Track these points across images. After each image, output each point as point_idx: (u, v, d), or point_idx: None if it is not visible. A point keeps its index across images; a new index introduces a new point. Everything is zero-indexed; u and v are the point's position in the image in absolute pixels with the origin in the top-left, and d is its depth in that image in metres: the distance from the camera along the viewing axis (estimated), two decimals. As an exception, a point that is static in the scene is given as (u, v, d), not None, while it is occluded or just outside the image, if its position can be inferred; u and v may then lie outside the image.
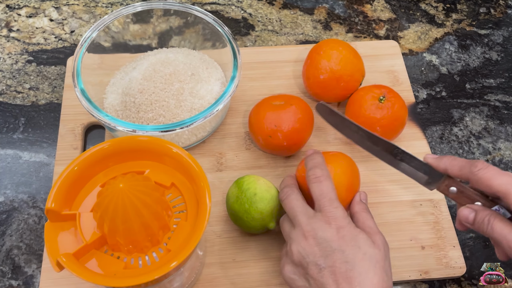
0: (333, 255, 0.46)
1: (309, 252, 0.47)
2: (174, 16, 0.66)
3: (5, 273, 0.56)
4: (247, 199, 0.54)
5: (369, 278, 0.45)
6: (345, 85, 0.63)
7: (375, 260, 0.46)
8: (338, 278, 0.45)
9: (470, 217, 0.48)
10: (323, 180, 0.50)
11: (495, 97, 0.73)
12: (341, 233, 0.47)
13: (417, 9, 0.82)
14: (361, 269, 0.45)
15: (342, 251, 0.46)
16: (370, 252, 0.47)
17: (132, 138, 0.47)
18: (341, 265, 0.46)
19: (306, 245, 0.47)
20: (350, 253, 0.46)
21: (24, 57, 0.72)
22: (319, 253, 0.47)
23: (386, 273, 0.47)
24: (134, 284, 0.39)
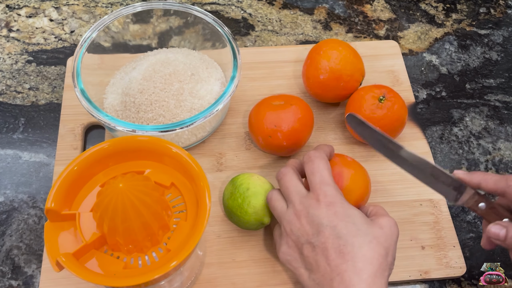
0: (325, 231, 0.46)
1: (303, 232, 0.48)
2: (174, 16, 0.66)
3: (5, 273, 0.56)
4: (240, 194, 0.54)
5: (362, 253, 0.45)
6: (345, 85, 0.63)
7: (372, 236, 0.46)
8: (330, 254, 0.45)
9: (502, 234, 0.47)
10: (315, 159, 0.51)
11: (495, 97, 0.73)
12: (332, 210, 0.47)
13: (417, 9, 0.82)
14: (355, 243, 0.45)
15: (334, 226, 0.46)
16: (366, 228, 0.47)
17: (132, 138, 0.47)
18: (334, 241, 0.45)
19: (299, 224, 0.48)
20: (343, 228, 0.46)
21: (24, 57, 0.72)
22: (311, 231, 0.47)
23: (386, 251, 0.46)
24: (134, 284, 0.39)
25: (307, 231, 0.47)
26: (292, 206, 0.49)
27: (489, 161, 0.67)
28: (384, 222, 0.48)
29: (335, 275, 0.44)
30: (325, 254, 0.45)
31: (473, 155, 0.67)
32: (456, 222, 0.61)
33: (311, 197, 0.49)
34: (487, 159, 0.67)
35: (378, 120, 0.60)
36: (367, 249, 0.45)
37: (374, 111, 0.60)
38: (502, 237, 0.47)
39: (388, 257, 0.46)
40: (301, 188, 0.50)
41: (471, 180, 0.49)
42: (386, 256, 0.46)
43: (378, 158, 0.64)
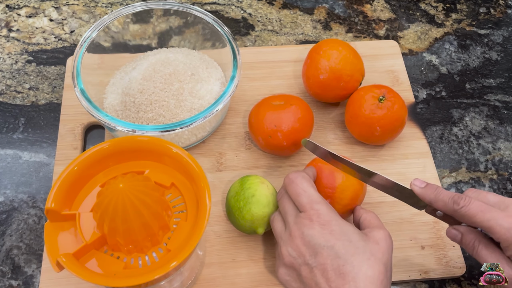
0: (323, 252, 0.46)
1: (298, 253, 0.47)
2: (174, 16, 0.66)
3: (5, 273, 0.56)
4: (244, 197, 0.54)
5: (362, 272, 0.44)
6: (345, 85, 0.63)
7: (370, 253, 0.46)
8: (331, 275, 0.45)
9: (457, 239, 0.49)
10: (295, 179, 0.50)
11: (495, 97, 0.73)
12: (328, 229, 0.47)
13: (417, 9, 0.82)
14: (354, 262, 0.45)
15: (331, 246, 0.46)
16: (363, 246, 0.46)
17: (132, 138, 0.47)
18: (333, 261, 0.45)
19: (294, 246, 0.47)
20: (341, 248, 0.46)
21: (24, 57, 0.72)
22: (308, 252, 0.46)
23: (385, 267, 0.46)
24: (134, 284, 0.39)
25: (303, 252, 0.47)
26: (288, 227, 0.49)
27: (489, 161, 0.67)
28: (379, 236, 0.48)
29: None
30: (325, 276, 0.45)
31: (473, 155, 0.67)
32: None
33: (304, 217, 0.48)
34: (487, 159, 0.67)
35: (378, 120, 0.60)
36: (367, 268, 0.45)
37: (374, 111, 0.60)
38: (457, 241, 0.49)
39: (387, 272, 0.46)
40: (294, 209, 0.50)
41: (424, 198, 0.50)
42: (385, 272, 0.46)
43: (378, 158, 0.64)
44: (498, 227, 0.45)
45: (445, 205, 0.49)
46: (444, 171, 0.66)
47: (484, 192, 0.49)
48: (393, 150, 0.65)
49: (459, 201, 0.47)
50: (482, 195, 0.49)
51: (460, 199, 0.48)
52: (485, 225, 0.46)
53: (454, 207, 0.48)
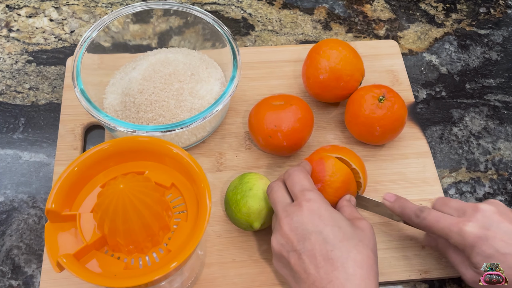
0: (311, 238, 0.46)
1: (287, 240, 0.47)
2: (174, 16, 0.66)
3: (5, 273, 0.56)
4: (241, 190, 0.54)
5: (351, 257, 0.45)
6: (345, 85, 0.63)
7: (357, 239, 0.46)
8: (319, 261, 0.45)
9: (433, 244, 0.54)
10: (292, 172, 0.51)
11: (495, 97, 0.73)
12: (316, 214, 0.47)
13: (417, 9, 0.82)
14: (343, 248, 0.45)
15: (320, 232, 0.46)
16: (351, 232, 0.47)
17: (132, 138, 0.47)
18: (321, 247, 0.45)
19: (283, 233, 0.48)
20: (330, 233, 0.46)
21: (24, 57, 0.72)
22: (295, 238, 0.47)
23: (373, 252, 0.47)
24: (135, 284, 0.39)
25: (291, 239, 0.47)
26: (277, 216, 0.49)
27: (489, 161, 0.67)
28: (363, 225, 0.49)
29: (326, 283, 0.44)
30: (313, 262, 0.45)
31: (473, 155, 0.67)
32: (456, 222, 0.62)
33: (294, 205, 0.48)
34: (487, 159, 0.67)
35: (377, 120, 0.60)
36: (356, 253, 0.45)
37: (374, 111, 0.60)
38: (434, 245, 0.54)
39: (375, 258, 0.47)
40: (285, 197, 0.50)
41: (394, 211, 0.54)
42: (374, 257, 0.46)
43: (378, 158, 0.64)
44: (451, 233, 0.48)
45: (409, 218, 0.52)
46: (444, 171, 0.66)
47: (448, 200, 0.52)
48: (393, 150, 0.65)
49: (419, 213, 0.51)
50: (445, 203, 0.52)
51: (420, 211, 0.51)
52: (441, 233, 0.49)
53: (416, 220, 0.51)
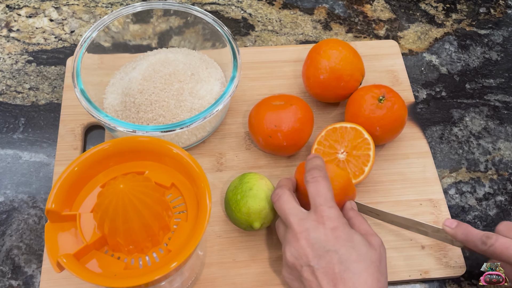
0: (327, 256, 0.46)
1: (302, 254, 0.47)
2: (174, 16, 0.66)
3: (5, 273, 0.56)
4: (241, 190, 0.54)
5: (363, 279, 0.45)
6: (345, 85, 0.63)
7: (370, 261, 0.46)
8: (332, 279, 0.45)
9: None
10: (321, 180, 0.50)
11: (495, 97, 0.73)
12: (336, 233, 0.47)
13: (417, 9, 0.82)
14: (355, 269, 0.45)
15: (336, 251, 0.46)
16: (365, 253, 0.47)
17: (132, 138, 0.47)
18: (336, 266, 0.45)
19: (298, 247, 0.47)
20: (345, 254, 0.46)
21: (24, 57, 0.72)
22: (311, 254, 0.47)
23: (382, 274, 0.47)
24: (135, 284, 0.39)
25: (307, 253, 0.47)
26: (291, 228, 0.49)
27: (489, 161, 0.67)
28: (374, 242, 0.49)
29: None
30: (326, 279, 0.45)
31: (473, 155, 0.67)
32: (456, 222, 0.62)
33: (312, 219, 0.48)
34: (487, 159, 0.67)
35: (378, 120, 0.60)
36: (367, 276, 0.45)
37: (374, 111, 0.60)
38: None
39: (383, 279, 0.47)
40: (299, 209, 0.50)
41: (456, 237, 0.53)
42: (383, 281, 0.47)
43: (378, 158, 0.64)
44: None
45: (475, 245, 0.51)
46: (444, 171, 0.66)
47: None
48: (393, 150, 0.65)
49: (486, 240, 0.49)
50: (510, 228, 0.50)
51: (487, 238, 0.49)
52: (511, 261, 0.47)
53: (482, 248, 0.50)
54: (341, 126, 0.60)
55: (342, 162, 0.59)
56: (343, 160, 0.59)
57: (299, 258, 0.47)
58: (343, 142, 0.59)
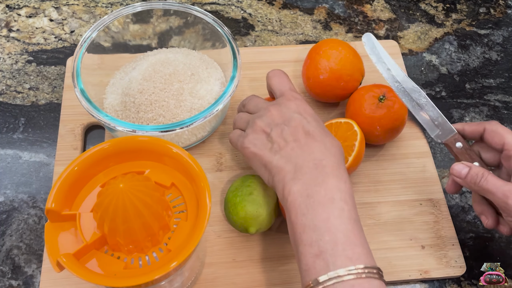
0: (296, 118, 0.50)
1: (272, 120, 0.51)
2: (174, 16, 0.66)
3: (5, 273, 0.56)
4: (241, 193, 0.54)
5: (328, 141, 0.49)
6: (345, 85, 0.63)
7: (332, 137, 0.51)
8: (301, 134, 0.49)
9: (464, 172, 0.51)
10: (280, 73, 0.57)
11: (495, 97, 0.73)
12: (302, 107, 0.52)
13: (417, 9, 0.82)
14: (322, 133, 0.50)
15: (304, 117, 0.51)
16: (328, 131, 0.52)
17: (132, 138, 0.47)
18: (304, 125, 0.50)
19: (269, 114, 0.52)
20: (312, 121, 0.51)
21: (24, 57, 0.72)
22: (281, 119, 0.51)
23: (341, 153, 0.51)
24: (134, 284, 0.39)
25: (276, 119, 0.51)
26: (264, 107, 0.53)
27: (489, 161, 0.67)
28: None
29: (306, 149, 0.48)
30: (295, 134, 0.49)
31: (473, 155, 0.67)
32: (456, 221, 0.61)
33: (283, 98, 0.53)
34: (487, 159, 0.67)
35: (378, 119, 0.60)
36: (331, 140, 0.50)
37: (374, 111, 0.60)
38: (463, 175, 0.51)
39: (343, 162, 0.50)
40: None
41: (456, 125, 0.55)
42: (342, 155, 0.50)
43: (378, 157, 0.64)
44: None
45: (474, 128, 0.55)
46: (444, 171, 0.66)
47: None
48: (393, 150, 0.65)
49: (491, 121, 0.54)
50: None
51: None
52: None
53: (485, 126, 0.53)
54: (337, 121, 0.61)
55: None
56: None
57: (270, 123, 0.51)
58: (336, 135, 0.59)
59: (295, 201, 0.45)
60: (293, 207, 0.45)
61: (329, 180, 0.46)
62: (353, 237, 0.43)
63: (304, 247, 0.43)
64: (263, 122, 0.52)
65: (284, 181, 0.47)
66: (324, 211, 0.44)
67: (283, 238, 0.58)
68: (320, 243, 0.42)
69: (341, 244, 0.42)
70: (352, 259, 0.41)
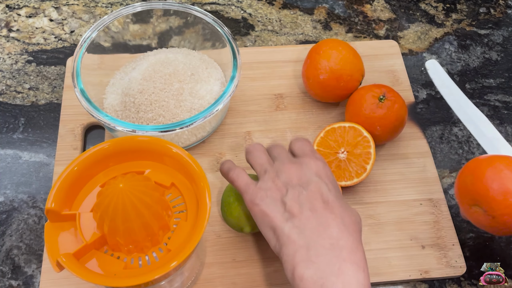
0: (315, 184, 0.47)
1: (290, 179, 0.48)
2: (174, 16, 0.66)
3: (5, 273, 0.56)
4: (235, 193, 0.54)
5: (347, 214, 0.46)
6: (345, 85, 0.63)
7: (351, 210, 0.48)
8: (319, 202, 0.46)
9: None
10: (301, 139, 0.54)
11: (495, 97, 0.73)
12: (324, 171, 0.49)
13: (417, 9, 0.82)
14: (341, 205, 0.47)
15: (325, 183, 0.48)
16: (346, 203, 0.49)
17: (132, 138, 0.47)
18: (323, 193, 0.47)
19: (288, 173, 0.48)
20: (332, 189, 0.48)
21: (24, 57, 0.72)
22: (300, 180, 0.48)
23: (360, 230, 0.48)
24: (134, 284, 0.39)
25: (294, 179, 0.48)
26: (285, 162, 0.50)
27: (489, 161, 0.67)
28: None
29: (323, 222, 0.45)
30: (312, 201, 0.46)
31: (473, 155, 0.67)
32: (456, 221, 0.61)
33: (305, 157, 0.50)
34: (487, 159, 0.67)
35: (378, 119, 0.60)
36: (350, 215, 0.46)
37: (374, 111, 0.60)
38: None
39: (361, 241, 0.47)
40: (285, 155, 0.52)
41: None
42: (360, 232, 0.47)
43: (378, 157, 0.64)
44: None
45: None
46: (444, 171, 0.66)
47: None
48: (393, 150, 0.65)
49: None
50: None
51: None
52: None
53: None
54: (340, 126, 0.60)
55: (344, 161, 0.59)
56: (344, 159, 0.59)
57: (288, 182, 0.48)
58: (342, 141, 0.59)
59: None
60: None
61: (346, 269, 0.42)
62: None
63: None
64: (279, 180, 0.48)
65: (295, 260, 0.43)
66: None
67: (283, 238, 0.58)
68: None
69: None
70: None
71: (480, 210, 0.50)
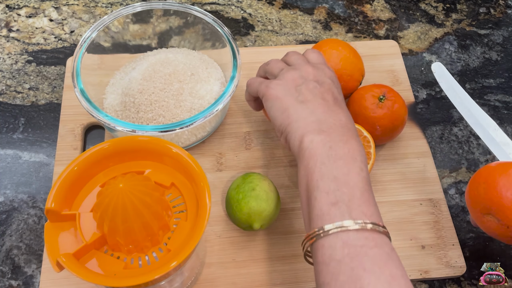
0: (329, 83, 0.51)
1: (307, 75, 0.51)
2: (174, 16, 0.66)
3: (5, 273, 0.56)
4: (243, 190, 0.54)
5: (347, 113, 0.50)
6: (345, 85, 0.63)
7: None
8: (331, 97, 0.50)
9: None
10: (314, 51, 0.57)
11: (495, 97, 0.73)
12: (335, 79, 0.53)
13: (417, 9, 0.82)
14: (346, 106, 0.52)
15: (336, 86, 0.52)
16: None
17: (132, 138, 0.47)
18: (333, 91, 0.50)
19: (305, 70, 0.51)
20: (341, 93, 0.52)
21: (24, 57, 0.72)
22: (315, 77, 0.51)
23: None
24: (134, 284, 0.39)
25: (311, 76, 0.51)
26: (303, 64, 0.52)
27: (489, 161, 0.67)
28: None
29: (334, 109, 0.48)
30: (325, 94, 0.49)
31: (473, 155, 0.67)
32: (456, 221, 0.62)
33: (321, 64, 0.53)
34: (487, 159, 0.67)
35: (378, 119, 0.60)
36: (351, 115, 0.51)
37: (374, 111, 0.60)
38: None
39: None
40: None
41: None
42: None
43: (378, 157, 0.64)
44: None
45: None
46: (444, 171, 0.66)
47: None
48: (393, 150, 0.65)
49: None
50: None
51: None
52: None
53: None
54: None
55: None
56: None
57: (304, 76, 0.51)
58: None
59: (316, 149, 0.45)
60: (313, 155, 0.45)
61: (353, 141, 0.46)
62: (368, 196, 0.44)
63: (320, 194, 0.43)
64: (296, 74, 0.51)
65: (307, 129, 0.47)
66: (345, 166, 0.44)
67: (284, 238, 0.58)
68: (337, 193, 0.43)
69: (357, 199, 0.43)
70: (366, 214, 0.42)
71: (494, 219, 0.50)
